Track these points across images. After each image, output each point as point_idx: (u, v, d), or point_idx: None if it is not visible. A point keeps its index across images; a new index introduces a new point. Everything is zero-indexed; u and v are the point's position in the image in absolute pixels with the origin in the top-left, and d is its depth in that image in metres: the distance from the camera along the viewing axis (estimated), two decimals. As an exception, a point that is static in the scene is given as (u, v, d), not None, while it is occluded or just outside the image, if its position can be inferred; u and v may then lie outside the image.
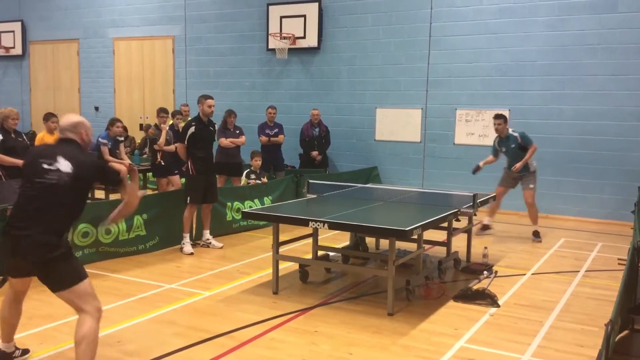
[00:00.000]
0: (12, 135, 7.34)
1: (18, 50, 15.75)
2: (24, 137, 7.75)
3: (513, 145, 8.26)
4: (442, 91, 10.94)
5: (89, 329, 3.44)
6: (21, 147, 7.39)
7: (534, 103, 10.18)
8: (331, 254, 6.74)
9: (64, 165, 3.58)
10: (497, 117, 8.36)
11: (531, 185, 8.32)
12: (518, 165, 8.10)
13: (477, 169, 8.58)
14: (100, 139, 9.38)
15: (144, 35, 14.02)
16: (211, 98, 7.38)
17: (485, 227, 8.76)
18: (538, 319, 5.09)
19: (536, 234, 8.36)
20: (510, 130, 8.37)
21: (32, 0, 15.50)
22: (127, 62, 14.40)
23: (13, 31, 15.69)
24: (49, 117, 8.58)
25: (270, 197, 9.02)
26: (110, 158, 9.11)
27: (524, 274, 6.50)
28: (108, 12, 14.40)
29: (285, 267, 6.39)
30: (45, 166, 3.57)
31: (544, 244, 8.03)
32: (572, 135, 9.95)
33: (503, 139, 8.40)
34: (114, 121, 9.42)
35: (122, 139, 9.32)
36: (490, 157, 8.70)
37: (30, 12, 15.57)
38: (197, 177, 7.29)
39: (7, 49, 15.83)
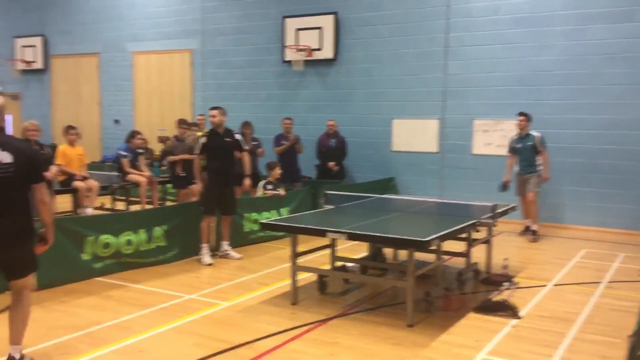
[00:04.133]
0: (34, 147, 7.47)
1: (40, 65, 16.04)
2: (45, 148, 7.87)
3: (530, 144, 8.76)
4: (459, 101, 10.92)
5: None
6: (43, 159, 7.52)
7: (551, 113, 10.11)
8: (349, 264, 6.74)
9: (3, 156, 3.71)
10: (521, 114, 8.88)
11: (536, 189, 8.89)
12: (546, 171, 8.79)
13: (504, 186, 8.93)
14: (120, 151, 9.53)
15: (162, 49, 14.20)
16: (213, 109, 7.43)
17: (531, 232, 8.97)
18: (560, 330, 5.03)
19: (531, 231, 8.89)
20: (530, 130, 8.88)
21: (54, 16, 15.81)
22: (146, 75, 14.60)
23: (35, 46, 16.00)
24: (68, 129, 8.71)
25: (287, 208, 9.04)
26: (131, 170, 9.25)
27: (545, 285, 6.43)
28: (127, 27, 14.63)
29: (304, 277, 6.39)
30: None
31: (564, 255, 7.94)
32: (590, 144, 9.86)
33: (522, 137, 8.87)
34: (134, 134, 9.56)
35: (142, 151, 9.44)
36: (510, 160, 9.06)
37: (52, 27, 15.87)
38: (209, 188, 7.34)
39: (29, 63, 16.13)
